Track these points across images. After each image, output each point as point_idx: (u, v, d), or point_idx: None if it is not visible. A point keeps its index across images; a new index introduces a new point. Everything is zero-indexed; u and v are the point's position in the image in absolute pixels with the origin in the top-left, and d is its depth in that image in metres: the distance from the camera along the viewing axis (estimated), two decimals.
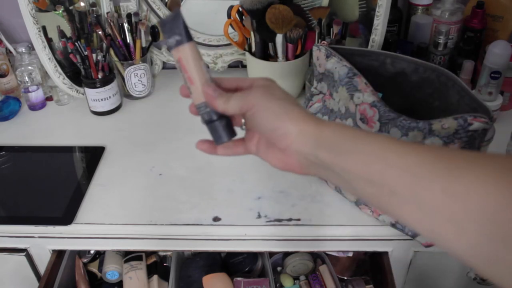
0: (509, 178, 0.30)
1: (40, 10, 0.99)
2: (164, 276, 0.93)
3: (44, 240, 0.78)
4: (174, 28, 0.45)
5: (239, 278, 0.90)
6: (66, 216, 0.76)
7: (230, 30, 0.99)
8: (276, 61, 0.97)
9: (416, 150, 0.35)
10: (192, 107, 0.49)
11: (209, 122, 0.48)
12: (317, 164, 0.41)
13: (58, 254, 0.81)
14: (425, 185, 0.33)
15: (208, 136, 0.49)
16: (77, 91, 1.04)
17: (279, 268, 1.00)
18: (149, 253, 0.96)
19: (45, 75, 1.05)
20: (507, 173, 0.30)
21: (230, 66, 1.13)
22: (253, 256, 0.96)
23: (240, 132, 0.50)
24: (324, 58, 0.76)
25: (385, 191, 0.36)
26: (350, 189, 0.40)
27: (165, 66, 1.17)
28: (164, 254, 0.98)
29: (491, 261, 0.30)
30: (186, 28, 0.46)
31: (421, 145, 0.36)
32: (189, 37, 0.46)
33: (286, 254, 0.97)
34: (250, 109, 0.44)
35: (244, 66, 1.12)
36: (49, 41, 0.99)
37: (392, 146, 0.37)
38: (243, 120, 0.48)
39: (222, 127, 0.47)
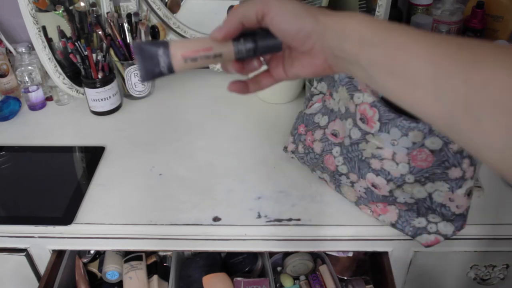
0: None
1: (40, 10, 0.99)
2: (164, 276, 0.93)
3: (44, 240, 0.78)
4: (150, 58, 0.43)
5: (239, 278, 0.90)
6: (66, 216, 0.76)
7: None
8: None
9: (441, 42, 0.35)
10: (235, 64, 0.48)
11: (252, 49, 0.44)
12: (344, 59, 0.40)
13: (58, 254, 0.81)
14: (447, 76, 0.33)
15: (236, 77, 0.48)
16: (77, 91, 1.04)
17: (279, 268, 1.00)
18: (149, 253, 0.96)
19: (45, 75, 1.05)
20: None
21: None
22: (253, 256, 0.96)
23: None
24: None
25: (407, 83, 0.36)
26: (374, 84, 0.39)
27: None
28: (164, 254, 0.98)
29: (506, 154, 0.30)
30: (152, 46, 0.43)
31: (447, 37, 0.35)
32: (164, 45, 0.43)
33: (286, 254, 0.97)
34: (267, 14, 0.42)
35: None
36: (49, 41, 0.99)
37: (418, 37, 0.36)
38: (261, 58, 0.47)
39: (268, 41, 0.44)
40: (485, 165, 0.32)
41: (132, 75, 1.03)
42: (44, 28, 0.98)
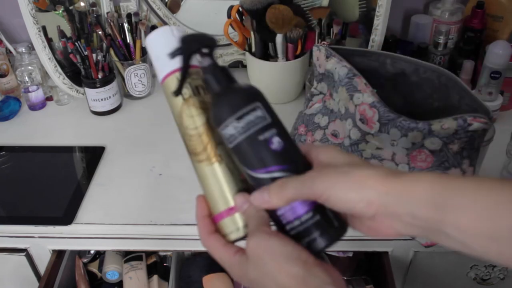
0: None
1: (40, 10, 0.99)
2: (164, 276, 0.93)
3: (44, 240, 0.78)
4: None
5: None
6: (66, 216, 0.76)
7: (230, 30, 0.99)
8: (276, 61, 0.97)
9: None
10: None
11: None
12: (415, 225, 0.35)
13: (58, 254, 0.82)
14: None
15: None
16: (77, 91, 1.04)
17: None
18: (149, 253, 0.96)
19: (45, 75, 1.05)
20: None
21: (230, 66, 1.13)
22: None
23: None
24: (324, 59, 0.76)
25: None
26: (467, 250, 0.34)
27: None
28: (164, 254, 0.98)
29: None
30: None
31: None
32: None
33: None
34: (319, 197, 0.37)
35: (244, 66, 1.12)
36: (49, 41, 0.99)
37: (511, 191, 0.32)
38: None
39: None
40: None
41: (132, 75, 1.03)
42: (44, 28, 0.98)
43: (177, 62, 0.41)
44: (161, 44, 0.43)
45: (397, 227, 0.36)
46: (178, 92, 0.42)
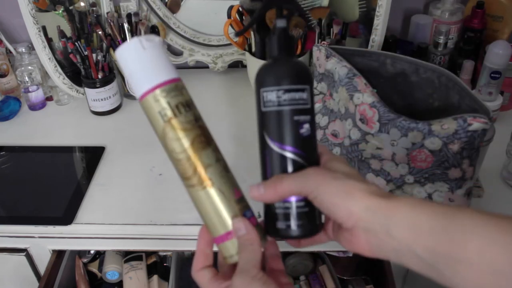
0: None
1: (40, 10, 0.99)
2: (164, 276, 0.93)
3: (44, 240, 0.78)
4: None
5: None
6: (66, 216, 0.76)
7: (230, 30, 0.99)
8: None
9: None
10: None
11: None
12: (389, 245, 0.36)
13: (58, 254, 0.82)
14: None
15: None
16: (77, 91, 1.05)
17: None
18: (149, 253, 0.96)
19: (45, 75, 1.05)
20: None
21: (230, 66, 1.13)
22: None
23: None
24: (324, 59, 0.76)
25: (485, 271, 0.32)
26: (436, 273, 0.35)
27: None
28: (164, 254, 0.98)
29: None
30: None
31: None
32: None
33: (286, 254, 0.97)
34: (309, 194, 0.39)
35: (244, 66, 1.12)
36: (49, 41, 0.99)
37: (488, 220, 0.33)
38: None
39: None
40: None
41: None
42: (44, 28, 0.98)
43: (156, 78, 0.40)
44: (133, 59, 0.40)
45: (373, 243, 0.37)
46: (240, 33, 0.42)
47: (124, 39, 1.01)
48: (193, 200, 0.42)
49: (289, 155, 0.40)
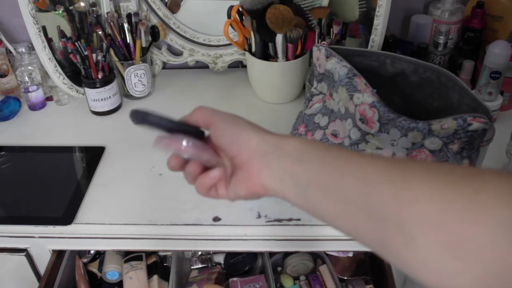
0: (456, 185, 0.30)
1: (40, 10, 0.99)
2: (164, 276, 0.93)
3: (44, 240, 0.78)
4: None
5: (235, 279, 0.90)
6: (66, 216, 0.76)
7: (230, 30, 0.99)
8: (276, 61, 0.97)
9: (374, 161, 0.36)
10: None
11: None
12: (277, 175, 0.41)
13: (58, 254, 0.82)
14: (376, 192, 0.33)
15: None
16: (77, 91, 1.05)
17: (279, 268, 1.00)
18: (149, 253, 0.96)
19: (45, 75, 1.05)
20: (455, 181, 0.30)
21: (230, 66, 1.13)
22: (253, 255, 0.97)
23: None
24: (324, 59, 0.76)
25: (339, 201, 0.36)
26: (305, 202, 0.40)
27: (165, 66, 1.17)
28: (164, 254, 0.98)
29: (439, 271, 0.29)
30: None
31: (380, 157, 0.37)
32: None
33: (286, 254, 0.97)
34: (213, 124, 0.45)
35: (244, 66, 1.12)
36: (49, 41, 0.99)
37: (352, 157, 0.37)
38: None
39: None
40: (421, 284, 0.32)
41: (132, 75, 1.03)
42: (44, 28, 0.98)
43: None
44: None
45: (264, 175, 0.42)
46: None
47: (124, 39, 1.01)
48: None
49: None
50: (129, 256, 0.92)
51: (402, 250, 0.31)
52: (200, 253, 1.00)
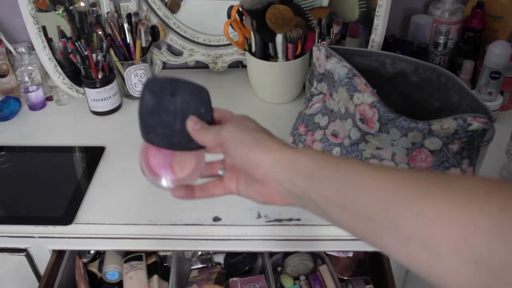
0: (479, 202, 0.30)
1: (40, 10, 0.99)
2: (164, 276, 0.93)
3: (44, 240, 0.78)
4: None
5: (235, 279, 0.90)
6: (66, 216, 0.76)
7: (230, 30, 0.99)
8: (276, 61, 0.97)
9: (389, 175, 0.35)
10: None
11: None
12: (294, 193, 0.41)
13: (58, 254, 0.82)
14: (397, 210, 0.33)
15: None
16: (77, 91, 1.05)
17: (279, 268, 1.00)
18: (149, 253, 0.96)
19: (45, 75, 1.05)
20: (478, 197, 0.30)
21: (230, 66, 1.13)
22: (253, 255, 0.97)
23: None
24: (324, 59, 0.76)
25: (359, 217, 0.36)
26: (327, 217, 0.40)
27: (165, 66, 1.17)
28: (164, 254, 0.98)
29: (467, 285, 0.30)
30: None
31: (395, 170, 0.36)
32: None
33: (286, 254, 0.97)
34: (224, 142, 0.44)
35: (244, 66, 1.12)
36: (49, 41, 0.99)
37: (366, 171, 0.37)
38: (220, 165, 0.49)
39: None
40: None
41: (132, 75, 1.03)
42: (44, 28, 0.98)
43: None
44: None
45: (282, 192, 0.42)
46: None
47: (124, 39, 1.01)
48: None
49: None
50: (129, 256, 0.92)
51: (427, 264, 0.32)
52: (200, 253, 1.00)
